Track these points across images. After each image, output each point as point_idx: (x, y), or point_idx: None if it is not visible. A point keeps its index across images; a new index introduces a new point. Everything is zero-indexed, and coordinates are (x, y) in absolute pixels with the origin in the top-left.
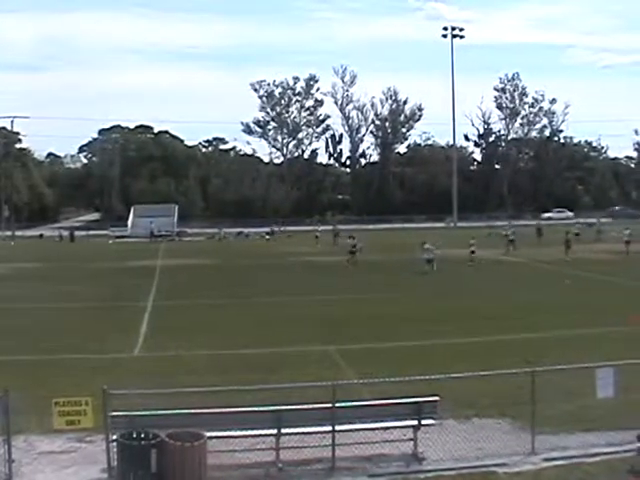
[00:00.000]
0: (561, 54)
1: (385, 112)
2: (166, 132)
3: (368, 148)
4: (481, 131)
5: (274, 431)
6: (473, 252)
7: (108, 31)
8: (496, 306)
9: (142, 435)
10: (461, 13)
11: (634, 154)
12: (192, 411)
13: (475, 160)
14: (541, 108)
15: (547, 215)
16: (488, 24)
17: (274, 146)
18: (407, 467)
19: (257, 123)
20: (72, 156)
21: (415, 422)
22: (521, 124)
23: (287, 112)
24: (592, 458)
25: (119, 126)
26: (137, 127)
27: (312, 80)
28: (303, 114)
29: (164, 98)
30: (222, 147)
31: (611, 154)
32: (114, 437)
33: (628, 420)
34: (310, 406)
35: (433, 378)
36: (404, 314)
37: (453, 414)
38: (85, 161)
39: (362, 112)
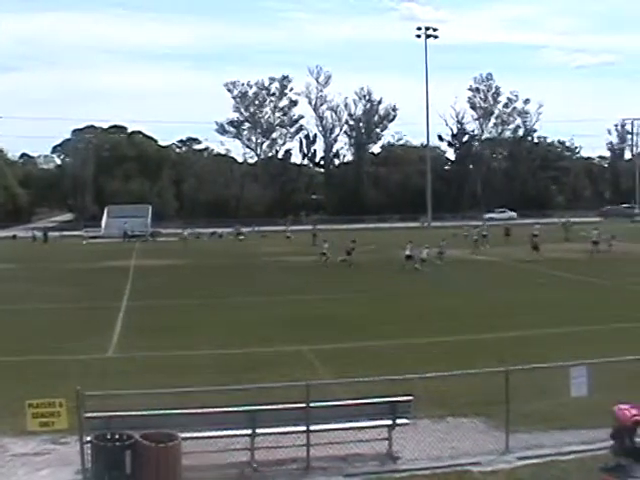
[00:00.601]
0: (535, 54)
1: (359, 112)
2: (140, 132)
3: (342, 148)
4: (455, 131)
5: (249, 431)
6: (410, 256)
7: (82, 31)
8: (470, 305)
9: (116, 436)
10: (435, 13)
11: (607, 154)
12: (166, 412)
13: (449, 160)
14: (515, 108)
15: (489, 216)
16: (462, 24)
17: (248, 146)
18: (382, 466)
19: (231, 123)
20: (46, 156)
21: (390, 422)
22: (495, 124)
23: (261, 112)
24: (566, 456)
25: (92, 126)
26: (111, 127)
27: (286, 80)
28: (277, 114)
29: (138, 98)
30: (196, 147)
31: (584, 154)
32: (88, 438)
33: (602, 419)
34: (284, 406)
35: (407, 377)
36: (378, 313)
37: (427, 414)
38: (59, 161)
39: (336, 112)
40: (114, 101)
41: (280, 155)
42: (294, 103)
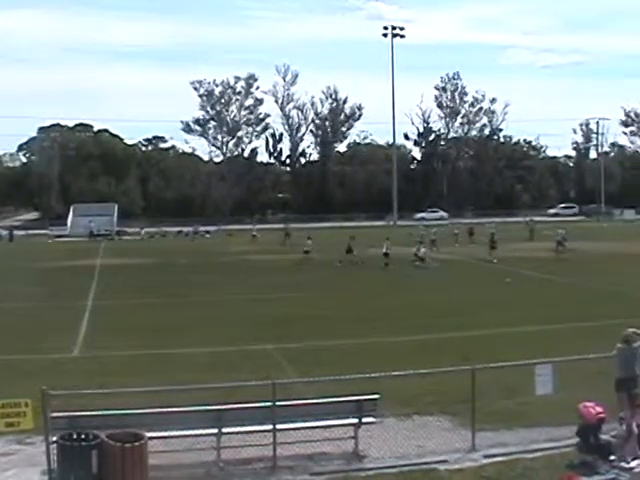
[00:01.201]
0: (501, 54)
1: (325, 111)
2: (106, 131)
3: (308, 147)
4: (421, 130)
5: (215, 430)
6: (387, 254)
7: (47, 29)
8: (436, 304)
9: (82, 436)
10: (402, 13)
11: (573, 153)
12: (132, 411)
13: (415, 159)
14: (481, 107)
15: (420, 215)
16: (428, 24)
17: (214, 145)
18: (348, 465)
19: (197, 122)
20: (11, 155)
21: (356, 420)
22: (461, 123)
23: (227, 111)
24: (532, 454)
25: (58, 125)
26: (76, 126)
27: (252, 79)
28: (243, 113)
29: (103, 97)
30: (162, 146)
31: (550, 153)
32: (54, 439)
33: (567, 416)
34: (251, 405)
35: (374, 376)
36: (345, 312)
37: (394, 412)
38: (24, 160)
39: (302, 111)
40: (80, 99)
41: (246, 154)
42: (260, 102)
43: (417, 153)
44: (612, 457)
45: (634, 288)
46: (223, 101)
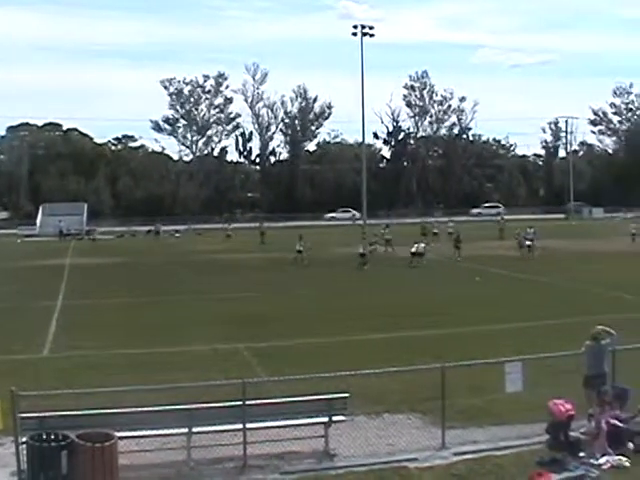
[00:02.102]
0: (471, 53)
1: (295, 110)
2: (75, 130)
3: (278, 146)
4: (390, 129)
5: (185, 430)
6: (363, 254)
7: (17, 28)
8: (405, 302)
9: (52, 437)
10: (372, 12)
11: (542, 152)
12: (102, 411)
13: (384, 158)
14: (450, 106)
15: (330, 215)
16: (399, 23)
17: (183, 144)
18: (319, 464)
19: (166, 121)
20: None
21: (326, 419)
22: (430, 122)
23: (197, 110)
24: (502, 451)
25: (27, 124)
26: (46, 125)
27: (222, 78)
28: (213, 112)
29: (73, 95)
30: (131, 145)
31: (519, 152)
32: (24, 439)
33: (537, 414)
34: (221, 404)
35: (344, 374)
36: (315, 311)
37: (364, 410)
38: None
39: (272, 110)
40: (49, 98)
41: (216, 153)
42: (230, 101)
43: (386, 152)
44: (581, 454)
45: (603, 287)
46: (193, 100)
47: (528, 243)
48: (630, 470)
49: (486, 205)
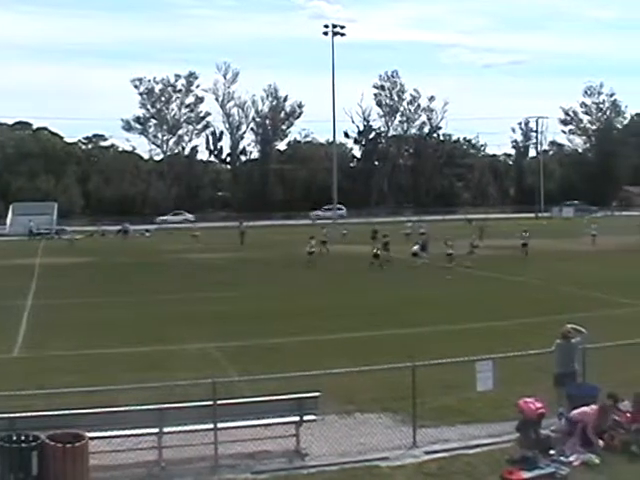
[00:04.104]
0: (443, 53)
1: (266, 109)
2: (45, 129)
3: (249, 145)
4: (361, 128)
5: (156, 430)
6: (311, 252)
7: None
8: (376, 301)
9: (22, 437)
10: (344, 12)
11: (512, 151)
12: (73, 412)
13: (355, 157)
14: (419, 105)
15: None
16: (371, 23)
17: (154, 143)
18: (290, 463)
19: (137, 120)
20: None
21: (297, 418)
22: (400, 121)
23: (167, 109)
24: (473, 450)
25: None
26: (16, 123)
27: (192, 77)
28: (183, 111)
29: (43, 95)
30: (102, 144)
31: (490, 151)
32: None
33: (507, 412)
34: (191, 404)
35: (315, 374)
36: (284, 310)
37: (335, 410)
38: None
39: (243, 109)
40: (19, 97)
41: (186, 152)
42: (201, 100)
43: (357, 151)
44: (552, 451)
45: (574, 285)
46: (163, 99)
47: (523, 242)
48: (600, 467)
49: (326, 207)
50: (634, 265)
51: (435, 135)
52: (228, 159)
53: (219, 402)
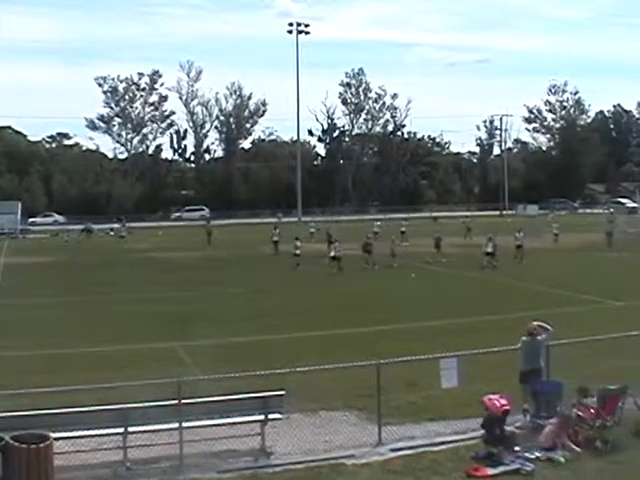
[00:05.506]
0: (408, 51)
1: (229, 107)
2: (8, 127)
3: (213, 144)
4: (325, 126)
5: (121, 430)
6: (297, 254)
7: None
8: (338, 300)
9: None
10: (310, 10)
11: (476, 149)
12: (37, 412)
13: (319, 155)
14: (384, 103)
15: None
16: (336, 21)
17: (118, 141)
18: (256, 462)
19: (101, 118)
20: None
21: (262, 417)
22: (365, 119)
23: (131, 107)
24: (438, 447)
25: None
26: None
27: (156, 75)
28: (147, 109)
29: (6, 93)
30: (66, 143)
31: (454, 149)
32: None
33: (473, 409)
34: (156, 404)
35: (279, 372)
36: (250, 309)
37: (300, 408)
38: None
39: (207, 107)
40: None
41: (150, 151)
42: (165, 98)
43: (321, 149)
44: (517, 448)
45: (538, 283)
46: (127, 97)
47: (518, 243)
48: (565, 464)
49: (188, 208)
50: (595, 262)
51: (399, 133)
52: (192, 158)
53: (184, 401)
